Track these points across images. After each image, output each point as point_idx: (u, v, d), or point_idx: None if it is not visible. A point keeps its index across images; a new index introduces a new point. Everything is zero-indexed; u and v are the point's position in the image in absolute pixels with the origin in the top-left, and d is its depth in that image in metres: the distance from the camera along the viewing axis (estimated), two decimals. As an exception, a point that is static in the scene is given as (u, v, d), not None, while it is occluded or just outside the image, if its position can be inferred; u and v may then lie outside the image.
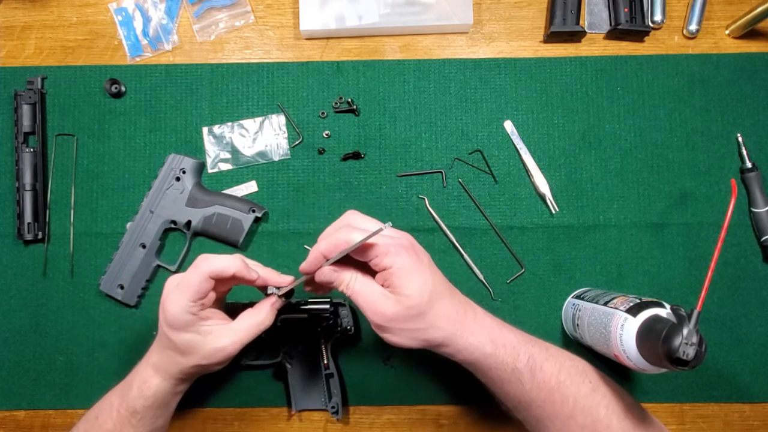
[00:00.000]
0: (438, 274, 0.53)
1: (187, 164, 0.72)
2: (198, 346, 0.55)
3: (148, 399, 0.56)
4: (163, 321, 0.55)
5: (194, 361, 0.55)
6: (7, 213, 0.73)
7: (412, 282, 0.51)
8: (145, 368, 0.58)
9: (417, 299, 0.51)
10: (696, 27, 0.74)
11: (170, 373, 0.57)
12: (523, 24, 0.76)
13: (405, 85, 0.75)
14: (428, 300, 0.51)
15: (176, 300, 0.53)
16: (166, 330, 0.55)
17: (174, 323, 0.54)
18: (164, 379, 0.57)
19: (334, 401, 0.67)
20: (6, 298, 0.72)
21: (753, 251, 0.72)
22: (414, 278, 0.51)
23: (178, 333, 0.54)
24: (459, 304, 0.54)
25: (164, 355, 0.57)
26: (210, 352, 0.55)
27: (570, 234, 0.73)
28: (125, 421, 0.57)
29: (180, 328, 0.54)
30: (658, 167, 0.74)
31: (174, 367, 0.56)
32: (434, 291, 0.51)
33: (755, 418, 0.71)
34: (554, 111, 0.74)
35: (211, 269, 0.53)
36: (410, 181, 0.74)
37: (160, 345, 0.57)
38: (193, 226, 0.71)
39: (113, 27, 0.76)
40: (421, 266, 0.51)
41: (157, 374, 0.57)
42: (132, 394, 0.56)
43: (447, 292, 0.53)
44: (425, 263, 0.52)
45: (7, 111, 0.74)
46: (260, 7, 0.76)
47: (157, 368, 0.57)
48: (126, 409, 0.57)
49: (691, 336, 0.49)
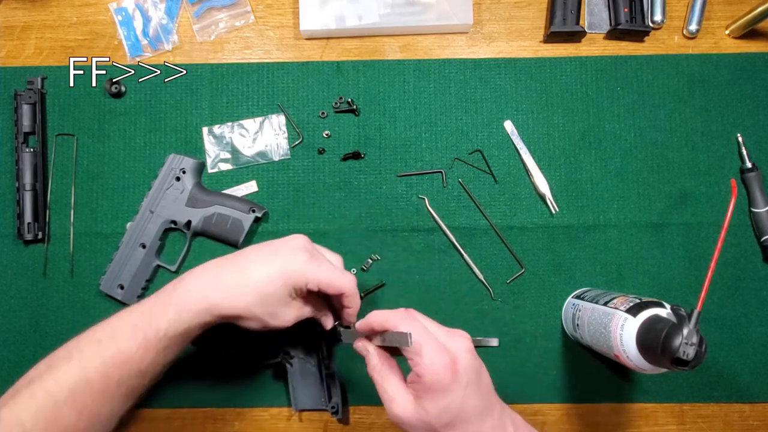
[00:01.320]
0: (473, 396, 0.49)
1: (187, 164, 0.72)
2: (276, 305, 0.55)
3: (184, 324, 0.53)
4: (285, 272, 0.54)
5: (260, 311, 0.54)
6: (7, 213, 0.73)
7: (436, 401, 0.48)
8: (193, 291, 0.54)
9: (434, 418, 0.48)
10: (696, 27, 0.74)
11: (223, 305, 0.54)
12: (523, 24, 0.76)
13: (405, 85, 0.75)
14: (446, 423, 0.48)
15: (316, 273, 0.55)
16: (278, 277, 0.54)
17: (293, 282, 0.54)
18: (210, 307, 0.53)
19: (334, 401, 0.67)
20: (6, 298, 0.72)
21: (753, 251, 0.72)
22: (439, 398, 0.48)
23: (284, 289, 0.54)
24: (492, 429, 0.50)
25: (233, 288, 0.54)
26: (277, 313, 0.55)
27: (570, 234, 0.73)
28: (151, 346, 0.53)
29: (289, 287, 0.54)
30: (658, 167, 0.74)
31: (234, 302, 0.54)
32: (458, 416, 0.48)
33: (755, 418, 0.71)
34: (554, 111, 0.74)
35: (350, 292, 0.57)
36: (410, 181, 0.74)
37: (234, 276, 0.54)
38: (193, 226, 0.71)
39: (113, 27, 0.76)
40: (453, 387, 0.48)
41: (205, 300, 0.53)
42: (168, 317, 0.53)
43: (475, 418, 0.49)
44: (462, 384, 0.48)
45: (7, 111, 0.74)
46: (260, 7, 0.76)
47: (209, 296, 0.54)
48: (155, 333, 0.53)
49: (691, 336, 0.49)
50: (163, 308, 0.54)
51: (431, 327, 0.51)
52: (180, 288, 0.55)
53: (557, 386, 0.71)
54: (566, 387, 0.71)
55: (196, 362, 0.71)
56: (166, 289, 0.55)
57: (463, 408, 0.48)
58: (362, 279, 0.72)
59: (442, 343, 0.49)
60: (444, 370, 0.47)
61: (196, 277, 0.55)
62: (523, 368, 0.71)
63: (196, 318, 0.53)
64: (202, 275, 0.56)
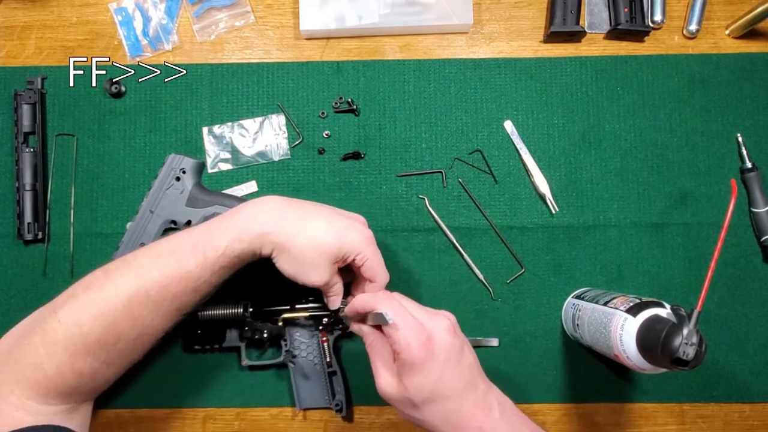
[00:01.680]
0: (452, 373, 0.50)
1: (187, 164, 0.72)
2: (324, 257, 0.56)
3: (243, 243, 0.55)
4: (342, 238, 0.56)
5: (308, 256, 0.56)
6: (7, 213, 0.73)
7: (412, 377, 0.50)
8: (255, 215, 0.56)
9: (412, 394, 0.50)
10: (696, 27, 0.74)
11: (280, 234, 0.55)
12: (523, 24, 0.76)
13: (405, 85, 0.75)
14: (425, 398, 0.50)
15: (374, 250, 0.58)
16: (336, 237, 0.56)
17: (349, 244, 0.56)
18: (268, 232, 0.55)
19: (338, 399, 0.67)
20: (6, 298, 0.72)
21: (753, 251, 0.72)
22: (414, 374, 0.50)
23: (340, 246, 0.56)
24: (470, 406, 0.51)
25: (292, 223, 0.56)
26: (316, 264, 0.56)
27: (570, 234, 0.73)
28: (209, 264, 0.54)
29: (346, 248, 0.56)
30: (658, 167, 0.74)
31: (289, 237, 0.55)
32: (435, 391, 0.50)
33: (755, 418, 0.71)
34: (554, 111, 0.74)
35: (386, 278, 0.60)
36: (410, 181, 0.74)
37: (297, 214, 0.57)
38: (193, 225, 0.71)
39: (113, 27, 0.76)
40: (428, 364, 0.49)
41: (266, 225, 0.55)
42: (229, 237, 0.55)
43: (456, 393, 0.50)
44: (439, 361, 0.50)
45: (7, 111, 0.74)
46: (260, 7, 0.76)
47: (269, 222, 0.55)
48: (214, 252, 0.54)
49: (691, 336, 0.49)
50: (224, 229, 0.55)
51: (411, 308, 0.53)
52: (242, 212, 0.56)
53: (557, 386, 0.71)
54: (566, 387, 0.71)
55: (195, 363, 0.71)
56: (225, 215, 0.57)
57: (439, 385, 0.50)
58: (362, 279, 0.72)
59: (419, 322, 0.51)
60: (418, 348, 0.49)
61: (257, 206, 0.57)
62: (523, 368, 0.71)
63: (255, 242, 0.55)
64: (263, 206, 0.57)
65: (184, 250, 0.55)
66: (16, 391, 0.51)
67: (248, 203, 0.58)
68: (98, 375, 0.55)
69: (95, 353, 0.53)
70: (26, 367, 0.52)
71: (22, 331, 0.54)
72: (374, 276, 0.59)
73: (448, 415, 0.50)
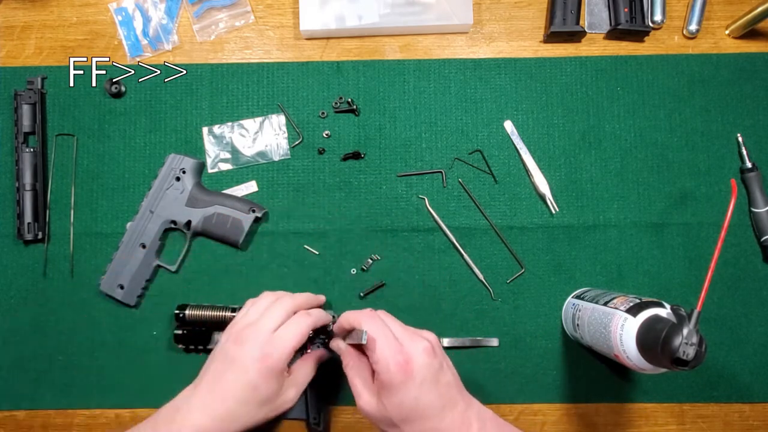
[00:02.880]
0: (430, 393, 0.51)
1: (187, 164, 0.72)
2: (275, 398, 0.56)
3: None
4: (263, 370, 0.54)
5: (263, 414, 0.56)
6: (7, 213, 0.73)
7: (391, 396, 0.51)
8: (195, 420, 0.54)
9: (392, 413, 0.51)
10: (696, 27, 0.74)
11: (229, 427, 0.54)
12: (523, 24, 0.76)
13: (405, 85, 0.75)
14: (404, 417, 0.51)
15: (286, 347, 0.55)
16: (260, 379, 0.54)
17: (277, 371, 0.55)
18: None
19: (315, 413, 0.66)
20: (6, 298, 0.72)
21: (753, 251, 0.72)
22: (393, 394, 0.51)
23: (273, 381, 0.55)
24: (449, 424, 0.51)
25: (228, 415, 0.54)
26: (280, 403, 0.57)
27: (570, 234, 0.73)
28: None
29: (278, 376, 0.55)
30: (658, 167, 0.74)
31: (235, 426, 0.54)
32: (414, 411, 0.51)
33: (755, 418, 0.71)
34: (554, 111, 0.74)
35: (313, 326, 0.58)
36: (410, 181, 0.74)
37: (223, 406, 0.54)
38: (193, 226, 0.71)
39: (113, 27, 0.76)
40: (406, 385, 0.50)
41: (209, 428, 0.53)
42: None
43: (434, 413, 0.51)
44: (416, 382, 0.50)
45: (7, 111, 0.74)
46: (260, 7, 0.76)
47: (209, 428, 0.53)
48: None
49: (691, 336, 0.49)
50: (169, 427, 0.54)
51: (394, 327, 0.54)
52: (182, 412, 0.55)
53: (557, 386, 0.71)
54: (566, 387, 0.71)
55: (195, 363, 0.71)
56: (166, 418, 0.55)
57: (417, 405, 0.51)
58: (362, 279, 0.72)
59: (399, 343, 0.52)
60: (396, 369, 0.50)
61: (190, 412, 0.54)
62: (523, 368, 0.71)
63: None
64: (194, 413, 0.54)
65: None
66: None
67: (181, 407, 0.55)
68: None
69: None
70: None
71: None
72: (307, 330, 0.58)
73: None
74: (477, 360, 0.71)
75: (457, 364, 0.56)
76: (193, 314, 0.68)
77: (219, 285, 0.72)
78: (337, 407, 0.71)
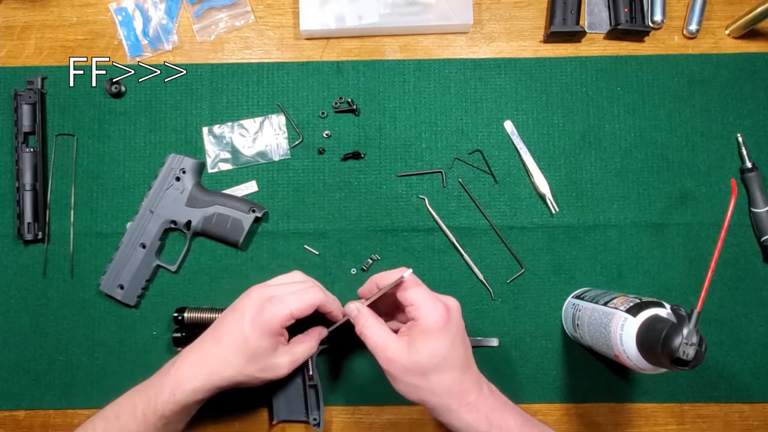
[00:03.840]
0: (459, 347, 0.54)
1: (187, 164, 0.72)
2: (266, 358, 0.57)
3: (179, 404, 0.56)
4: (257, 322, 0.56)
5: (252, 370, 0.57)
6: (7, 213, 0.73)
7: (428, 342, 0.53)
8: (183, 371, 0.57)
9: (425, 359, 0.52)
10: (696, 27, 0.74)
11: (214, 379, 0.56)
12: (523, 24, 0.76)
13: (405, 85, 0.75)
14: (435, 365, 0.53)
15: (283, 308, 0.56)
16: (252, 331, 0.56)
17: (269, 329, 0.56)
18: (203, 384, 0.56)
19: (315, 414, 0.66)
20: (6, 298, 0.72)
21: (753, 251, 0.72)
22: (431, 339, 0.53)
23: (264, 338, 0.56)
24: (468, 381, 0.55)
25: (218, 359, 0.56)
26: (270, 366, 0.58)
27: (570, 234, 0.73)
28: (150, 424, 0.56)
29: (270, 335, 0.56)
30: (658, 167, 0.74)
31: (225, 372, 0.56)
32: (446, 360, 0.53)
33: (755, 418, 0.71)
34: (554, 111, 0.74)
35: (321, 299, 0.58)
36: (410, 181, 0.74)
37: (216, 348, 0.57)
38: (193, 226, 0.71)
39: (113, 27, 0.76)
40: (444, 332, 0.53)
41: (196, 379, 0.56)
42: (162, 398, 0.56)
43: (459, 366, 0.54)
44: (452, 332, 0.54)
45: (7, 111, 0.74)
46: (260, 7, 0.76)
47: (198, 374, 0.56)
48: (153, 413, 0.56)
49: (691, 336, 0.49)
50: (159, 390, 0.57)
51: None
52: (173, 371, 0.57)
53: (557, 386, 0.71)
54: (566, 387, 0.71)
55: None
56: (163, 370, 0.59)
57: (450, 354, 0.53)
58: (362, 279, 0.72)
59: (435, 295, 0.55)
60: (438, 315, 0.53)
61: (183, 359, 0.58)
62: (523, 368, 0.71)
63: (191, 396, 0.56)
64: (189, 357, 0.58)
65: (127, 413, 0.57)
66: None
67: (178, 356, 0.59)
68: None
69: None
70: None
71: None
72: (309, 306, 0.58)
73: (451, 386, 0.53)
74: (477, 360, 0.70)
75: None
76: (192, 317, 0.68)
77: (219, 285, 0.72)
78: (337, 407, 0.71)
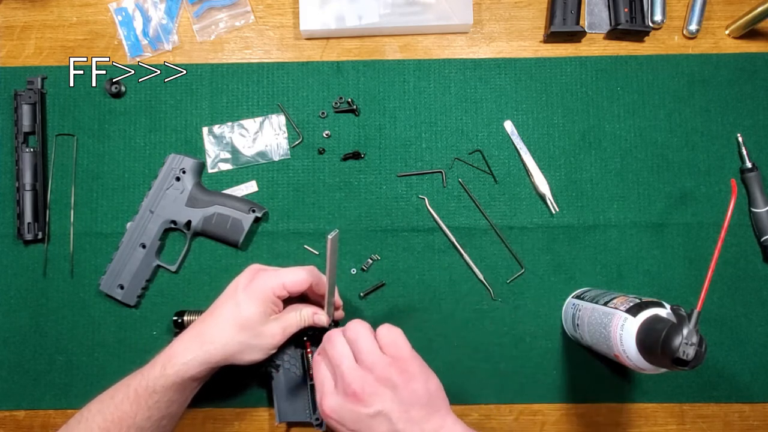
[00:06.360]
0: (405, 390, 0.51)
1: (187, 164, 0.72)
2: (258, 324, 0.58)
3: (170, 378, 0.56)
4: (249, 289, 0.58)
5: (244, 337, 0.57)
6: (7, 213, 0.73)
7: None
8: (176, 346, 0.58)
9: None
10: (696, 27, 0.74)
11: (206, 349, 0.57)
12: (523, 24, 0.76)
13: (405, 85, 0.75)
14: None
15: (276, 277, 0.58)
16: (244, 297, 0.58)
17: (262, 296, 0.58)
18: (195, 355, 0.57)
19: (316, 413, 0.66)
20: (6, 298, 0.72)
21: (753, 251, 0.72)
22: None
23: (256, 305, 0.58)
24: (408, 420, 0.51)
25: (211, 328, 0.58)
26: (263, 332, 0.58)
27: (570, 234, 0.73)
28: (142, 401, 0.56)
29: (262, 301, 0.58)
30: (658, 167, 0.74)
31: (217, 339, 0.57)
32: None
33: (755, 418, 0.71)
34: (554, 111, 0.74)
35: (316, 277, 0.60)
36: (410, 181, 0.74)
37: (210, 319, 0.58)
38: (193, 226, 0.71)
39: (113, 27, 0.76)
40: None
41: (188, 351, 0.57)
42: (154, 374, 0.56)
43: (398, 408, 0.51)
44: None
45: (7, 111, 0.74)
46: (260, 7, 0.76)
47: (190, 346, 0.57)
48: (144, 389, 0.56)
49: (691, 336, 0.49)
50: (151, 366, 0.58)
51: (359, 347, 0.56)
52: (167, 347, 0.59)
53: (557, 386, 0.71)
54: (566, 387, 0.71)
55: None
56: (160, 352, 0.59)
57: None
58: (362, 279, 0.72)
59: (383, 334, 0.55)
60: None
61: (179, 337, 0.59)
62: (523, 368, 0.71)
63: (182, 370, 0.56)
64: (185, 335, 0.59)
65: (120, 392, 0.57)
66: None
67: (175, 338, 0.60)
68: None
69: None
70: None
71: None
72: (301, 279, 0.59)
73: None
74: (477, 360, 0.71)
75: (456, 363, 0.56)
76: (191, 320, 0.68)
77: (219, 285, 0.72)
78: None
